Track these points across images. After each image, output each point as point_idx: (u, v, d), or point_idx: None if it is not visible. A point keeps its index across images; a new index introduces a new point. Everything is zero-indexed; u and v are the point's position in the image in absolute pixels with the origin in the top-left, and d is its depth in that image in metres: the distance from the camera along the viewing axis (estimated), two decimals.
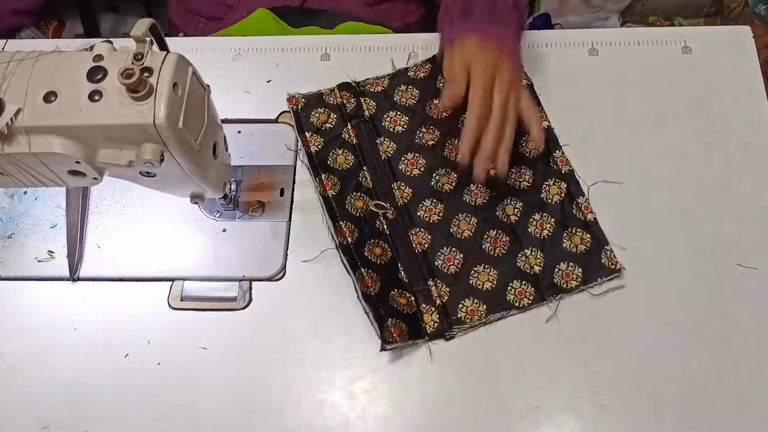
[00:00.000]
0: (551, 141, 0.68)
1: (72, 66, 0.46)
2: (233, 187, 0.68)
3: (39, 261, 0.67)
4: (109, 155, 0.48)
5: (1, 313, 0.65)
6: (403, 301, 0.62)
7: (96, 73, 0.46)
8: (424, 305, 0.62)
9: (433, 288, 0.62)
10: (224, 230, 0.67)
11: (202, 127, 0.51)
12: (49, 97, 0.45)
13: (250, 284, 0.65)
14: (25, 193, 0.71)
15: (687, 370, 0.59)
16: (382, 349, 0.59)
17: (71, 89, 0.46)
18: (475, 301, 0.62)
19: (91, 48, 0.48)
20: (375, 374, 0.61)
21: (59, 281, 0.66)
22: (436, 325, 0.61)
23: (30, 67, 0.47)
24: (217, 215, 0.68)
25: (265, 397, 0.60)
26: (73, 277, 0.66)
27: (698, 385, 0.59)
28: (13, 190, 0.70)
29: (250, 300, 0.64)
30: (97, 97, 0.45)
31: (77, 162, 0.48)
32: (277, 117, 0.73)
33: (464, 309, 0.62)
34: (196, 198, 0.60)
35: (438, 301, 0.62)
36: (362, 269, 0.62)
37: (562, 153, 0.68)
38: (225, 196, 0.64)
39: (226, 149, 0.60)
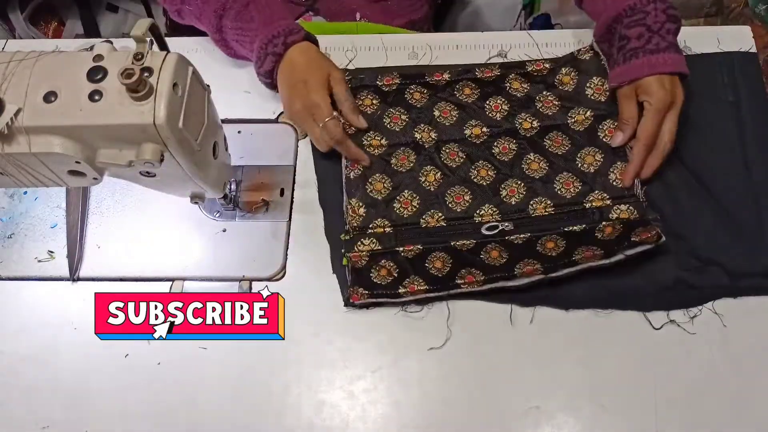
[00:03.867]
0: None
1: (72, 66, 0.47)
2: (233, 187, 0.68)
3: (39, 261, 0.67)
4: (109, 155, 0.48)
5: (1, 313, 0.65)
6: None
7: (96, 73, 0.46)
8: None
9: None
10: (224, 230, 0.67)
11: (202, 127, 0.51)
12: (49, 97, 0.46)
13: (250, 284, 0.65)
14: (25, 193, 0.71)
15: (687, 370, 0.59)
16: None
17: (71, 89, 0.46)
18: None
19: (91, 48, 0.48)
20: (375, 374, 0.61)
21: (59, 281, 0.66)
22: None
23: (30, 67, 0.47)
24: (217, 215, 0.68)
25: (265, 397, 0.60)
26: (73, 277, 0.66)
27: (698, 385, 0.59)
28: (13, 190, 0.70)
29: None
30: (97, 97, 0.45)
31: (77, 162, 0.48)
32: (277, 117, 0.73)
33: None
34: (196, 198, 0.60)
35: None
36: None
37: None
38: (225, 196, 0.64)
39: (226, 149, 0.61)
